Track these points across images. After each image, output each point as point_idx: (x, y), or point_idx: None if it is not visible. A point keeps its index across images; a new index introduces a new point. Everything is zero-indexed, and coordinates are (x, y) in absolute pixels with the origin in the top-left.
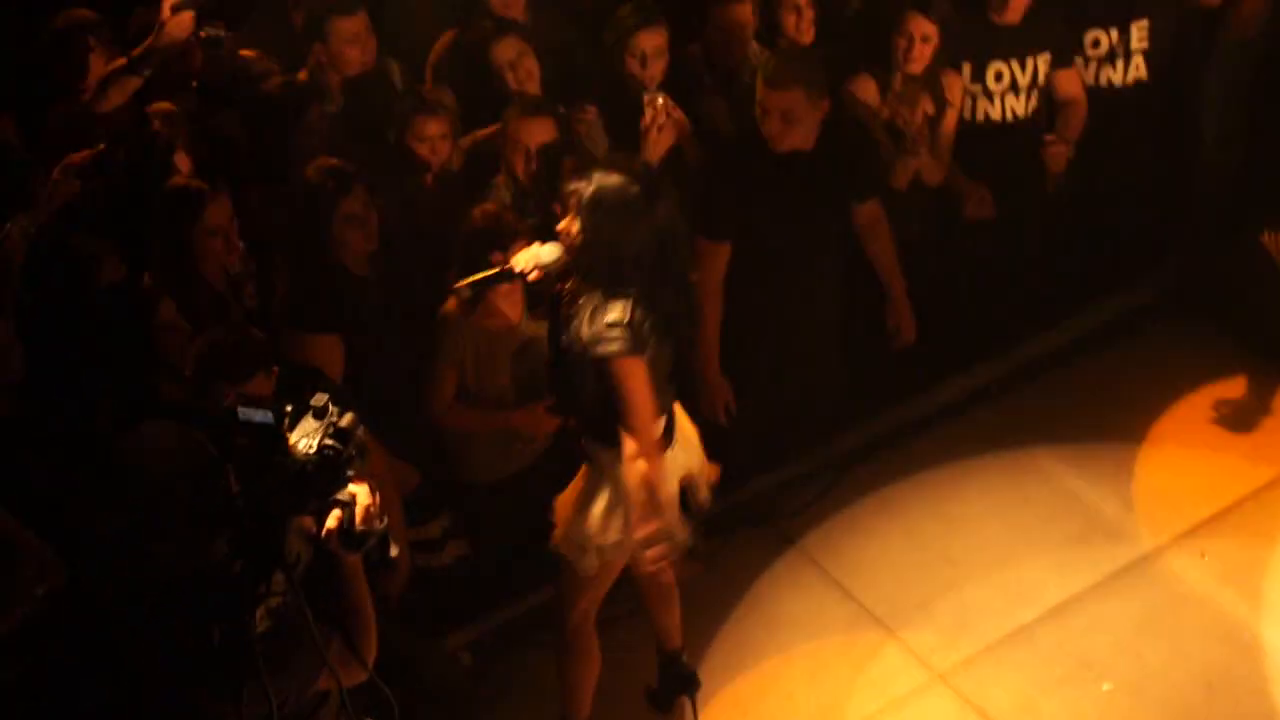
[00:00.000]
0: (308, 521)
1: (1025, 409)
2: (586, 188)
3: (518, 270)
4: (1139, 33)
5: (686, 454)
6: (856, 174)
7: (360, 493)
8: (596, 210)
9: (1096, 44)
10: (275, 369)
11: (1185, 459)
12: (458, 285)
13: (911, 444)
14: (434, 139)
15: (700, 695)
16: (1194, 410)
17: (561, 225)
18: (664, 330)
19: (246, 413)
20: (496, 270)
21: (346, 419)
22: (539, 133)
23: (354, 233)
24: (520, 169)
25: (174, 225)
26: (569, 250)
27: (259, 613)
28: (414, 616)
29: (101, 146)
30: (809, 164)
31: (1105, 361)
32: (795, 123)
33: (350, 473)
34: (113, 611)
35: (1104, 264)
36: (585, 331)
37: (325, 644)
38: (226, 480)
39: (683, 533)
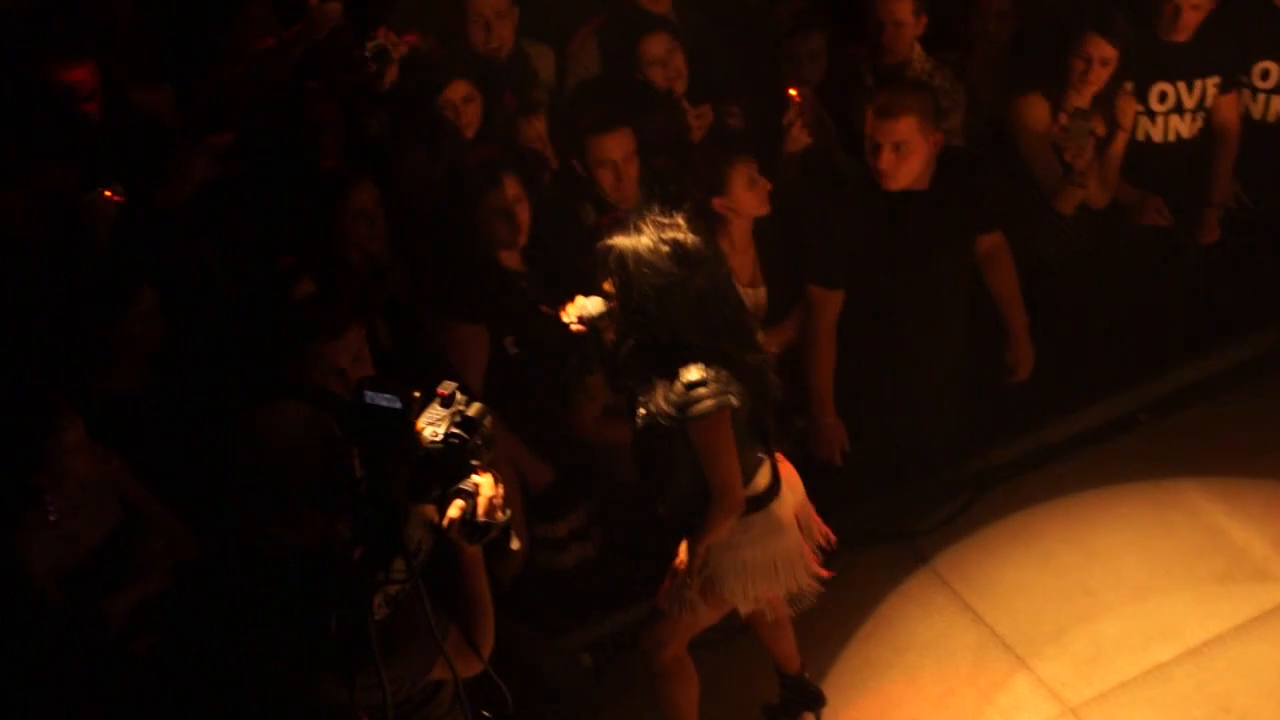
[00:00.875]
0: (430, 510)
1: (1174, 439)
2: (615, 248)
3: (564, 320)
4: None
5: (794, 495)
6: (980, 209)
7: (484, 483)
8: (624, 272)
9: (1266, 75)
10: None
11: None
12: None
13: (1053, 468)
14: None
15: (824, 713)
16: None
17: (605, 285)
18: (750, 387)
19: (374, 397)
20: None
21: (474, 408)
22: (618, 146)
23: (502, 225)
24: (611, 186)
25: (320, 206)
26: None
27: (377, 600)
28: (535, 614)
29: (233, 134)
30: (925, 203)
31: (1260, 395)
32: (908, 156)
33: (475, 463)
34: (235, 589)
35: (1263, 294)
36: (668, 401)
37: (443, 634)
38: (350, 464)
39: (805, 579)
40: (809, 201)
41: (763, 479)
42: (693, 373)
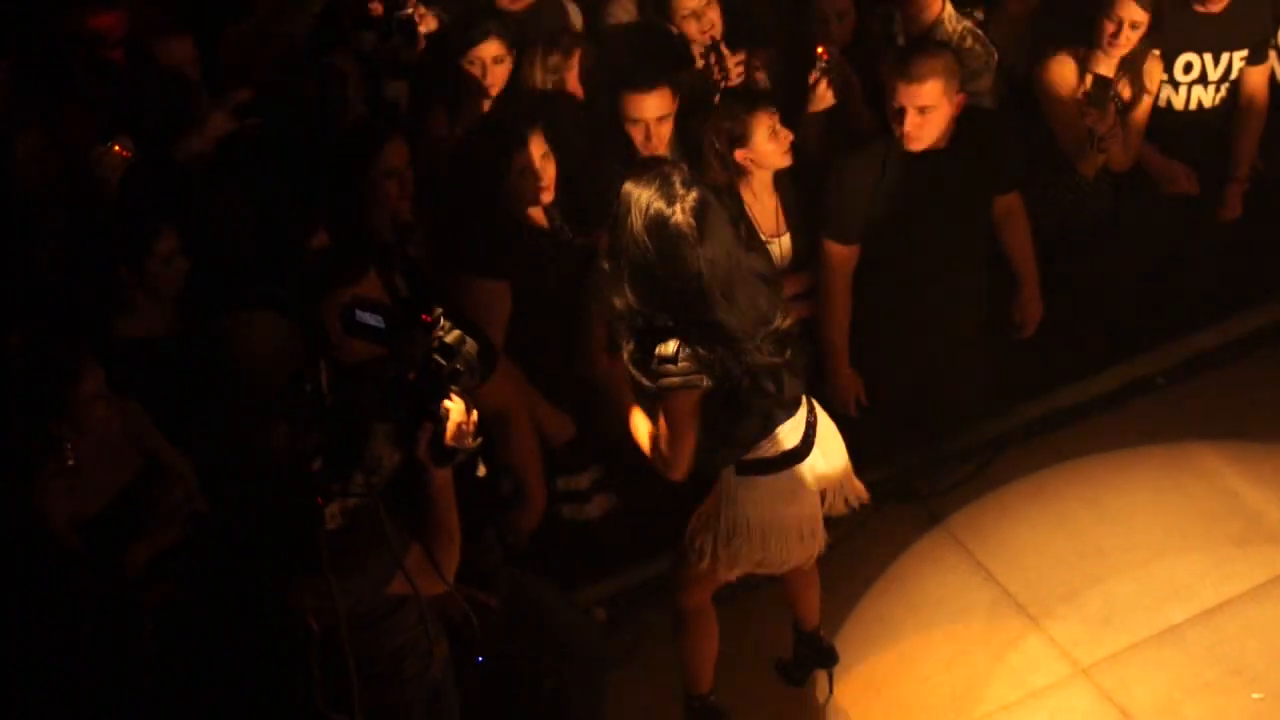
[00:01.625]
0: (397, 428)
1: (1190, 404)
2: (620, 202)
3: None
4: None
5: (828, 462)
6: (998, 170)
7: (455, 409)
8: (628, 227)
9: None
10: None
11: None
12: None
13: (1069, 431)
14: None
15: (835, 670)
16: None
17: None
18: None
19: (362, 315)
20: None
21: (453, 335)
22: (654, 106)
23: (529, 182)
24: (642, 145)
25: (352, 161)
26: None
27: (333, 510)
28: (550, 568)
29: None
30: (944, 162)
31: (1275, 362)
32: (932, 119)
33: (452, 388)
34: (220, 501)
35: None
36: (641, 367)
37: (403, 550)
38: (318, 375)
39: (818, 543)
40: (827, 157)
41: (775, 445)
42: (669, 346)
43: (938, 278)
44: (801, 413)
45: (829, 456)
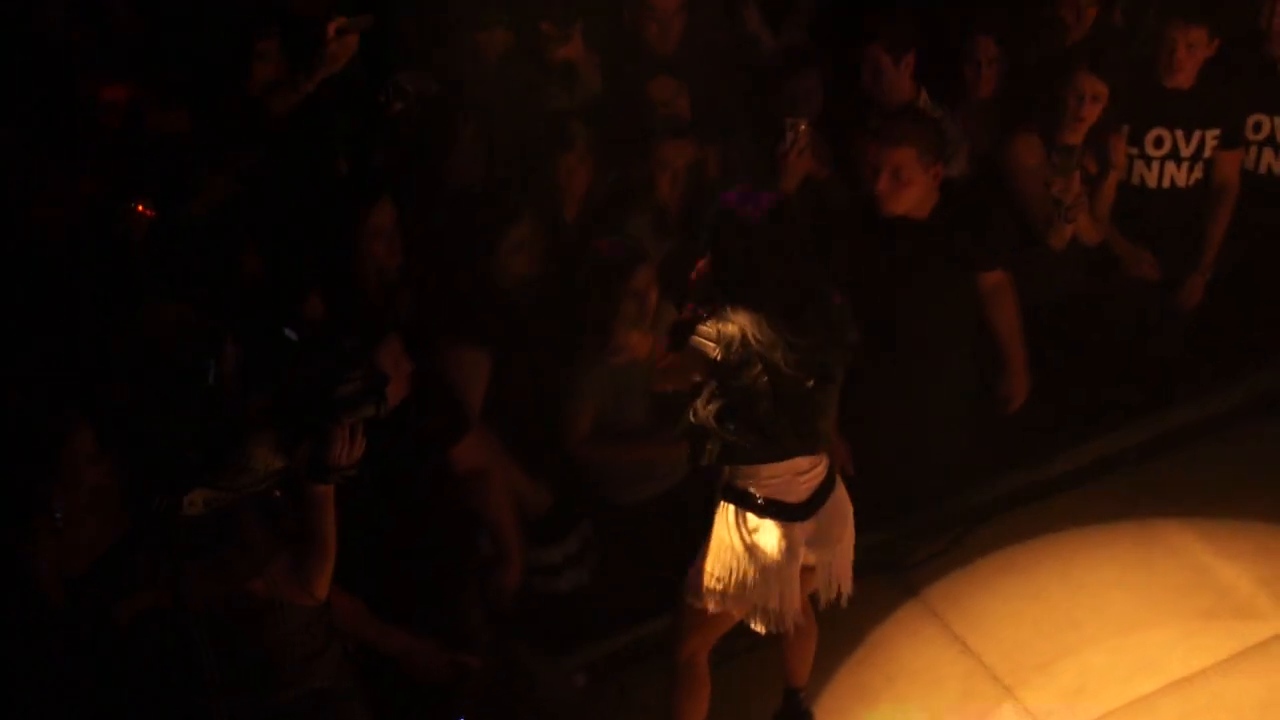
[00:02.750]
0: (281, 437)
1: (1162, 479)
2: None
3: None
4: None
5: (825, 539)
6: (982, 244)
7: (340, 434)
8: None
9: (1258, 128)
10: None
11: None
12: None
13: (1043, 505)
14: (576, 168)
15: None
16: None
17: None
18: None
19: (289, 332)
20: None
21: (365, 368)
22: (683, 154)
23: (518, 257)
24: (666, 190)
25: (340, 221)
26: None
27: (195, 497)
28: (532, 634)
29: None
30: (922, 232)
31: (1247, 439)
32: (906, 184)
33: (346, 414)
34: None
35: (1252, 342)
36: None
37: (268, 553)
38: (206, 370)
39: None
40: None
41: (773, 487)
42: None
43: (921, 350)
44: (818, 471)
45: (828, 535)
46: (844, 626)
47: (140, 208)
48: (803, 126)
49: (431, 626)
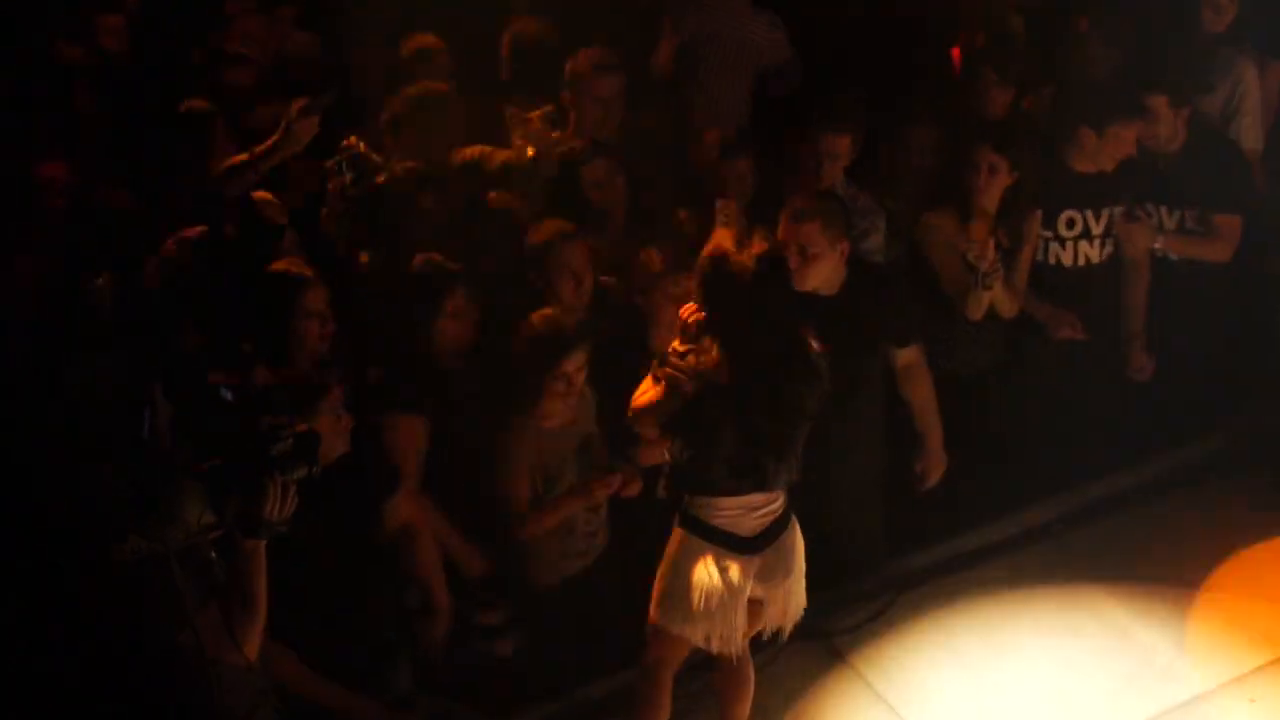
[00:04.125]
0: (212, 491)
1: (1084, 547)
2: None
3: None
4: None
5: (773, 577)
6: (893, 323)
7: (271, 492)
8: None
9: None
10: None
11: (1240, 608)
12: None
13: (969, 572)
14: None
15: None
16: (1250, 563)
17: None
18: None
19: (224, 391)
20: None
21: (298, 429)
22: (582, 255)
23: (455, 327)
24: (571, 294)
25: (274, 306)
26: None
27: (125, 546)
28: (475, 698)
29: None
30: (831, 308)
31: (1165, 508)
32: (813, 260)
33: (278, 472)
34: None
35: (1171, 414)
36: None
37: (194, 604)
38: (140, 422)
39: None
40: None
41: (727, 517)
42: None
43: (833, 424)
44: (774, 508)
45: (775, 571)
46: (774, 690)
47: (100, 281)
48: (732, 208)
49: (367, 683)
